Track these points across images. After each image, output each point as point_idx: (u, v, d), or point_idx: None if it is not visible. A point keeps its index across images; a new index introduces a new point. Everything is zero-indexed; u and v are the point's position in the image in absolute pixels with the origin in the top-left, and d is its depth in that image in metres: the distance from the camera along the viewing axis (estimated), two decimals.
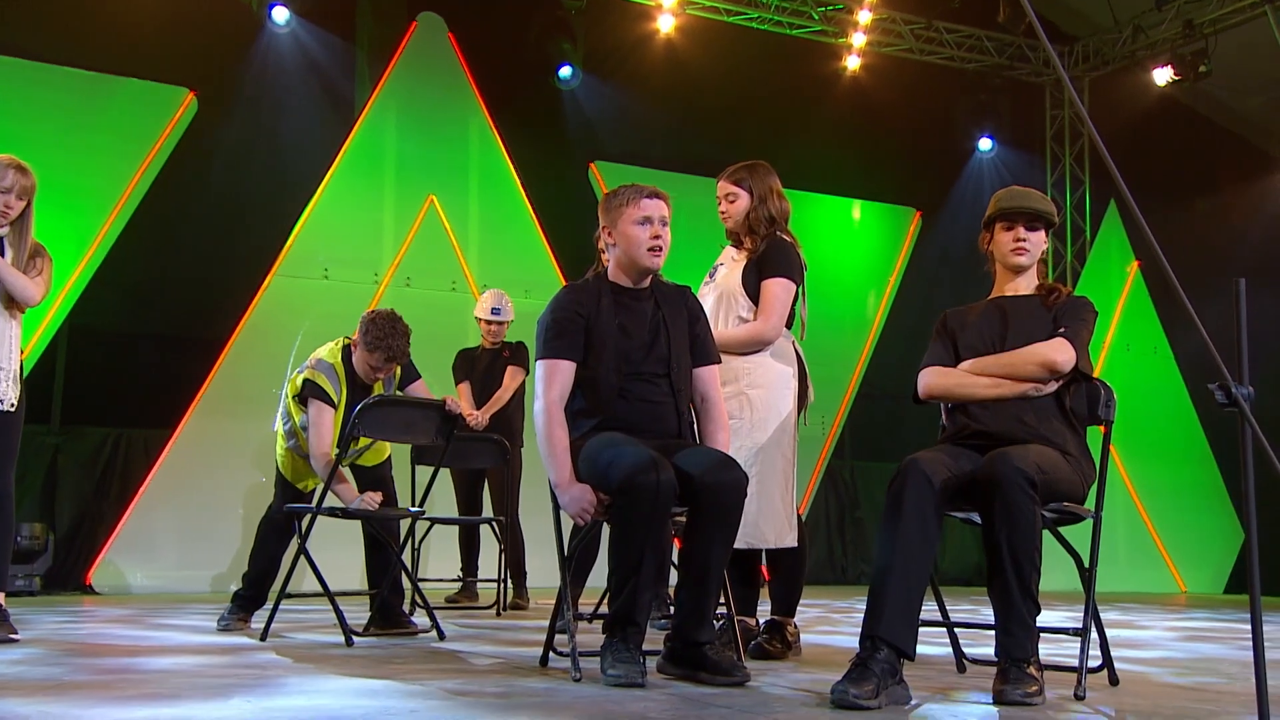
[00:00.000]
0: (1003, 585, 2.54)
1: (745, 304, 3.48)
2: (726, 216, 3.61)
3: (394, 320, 4.04)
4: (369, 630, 4.06)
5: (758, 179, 3.57)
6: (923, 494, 2.58)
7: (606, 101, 8.80)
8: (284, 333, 7.12)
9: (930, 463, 2.63)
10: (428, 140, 8.08)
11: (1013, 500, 2.52)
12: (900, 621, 2.48)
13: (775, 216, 3.54)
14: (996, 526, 2.54)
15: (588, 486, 2.86)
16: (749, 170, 3.60)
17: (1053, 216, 3.04)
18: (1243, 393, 1.52)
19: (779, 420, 3.43)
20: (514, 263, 8.08)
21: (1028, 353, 2.83)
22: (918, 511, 2.56)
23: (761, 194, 3.55)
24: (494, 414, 5.82)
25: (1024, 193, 3.04)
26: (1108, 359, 9.79)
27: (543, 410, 2.93)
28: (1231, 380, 1.52)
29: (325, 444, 3.93)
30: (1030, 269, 3.03)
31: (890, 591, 2.50)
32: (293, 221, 7.57)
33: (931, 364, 2.97)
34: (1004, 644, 2.55)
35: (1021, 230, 2.99)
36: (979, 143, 10.08)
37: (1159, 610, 6.74)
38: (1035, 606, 2.56)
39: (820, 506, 9.19)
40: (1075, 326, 2.87)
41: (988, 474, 2.57)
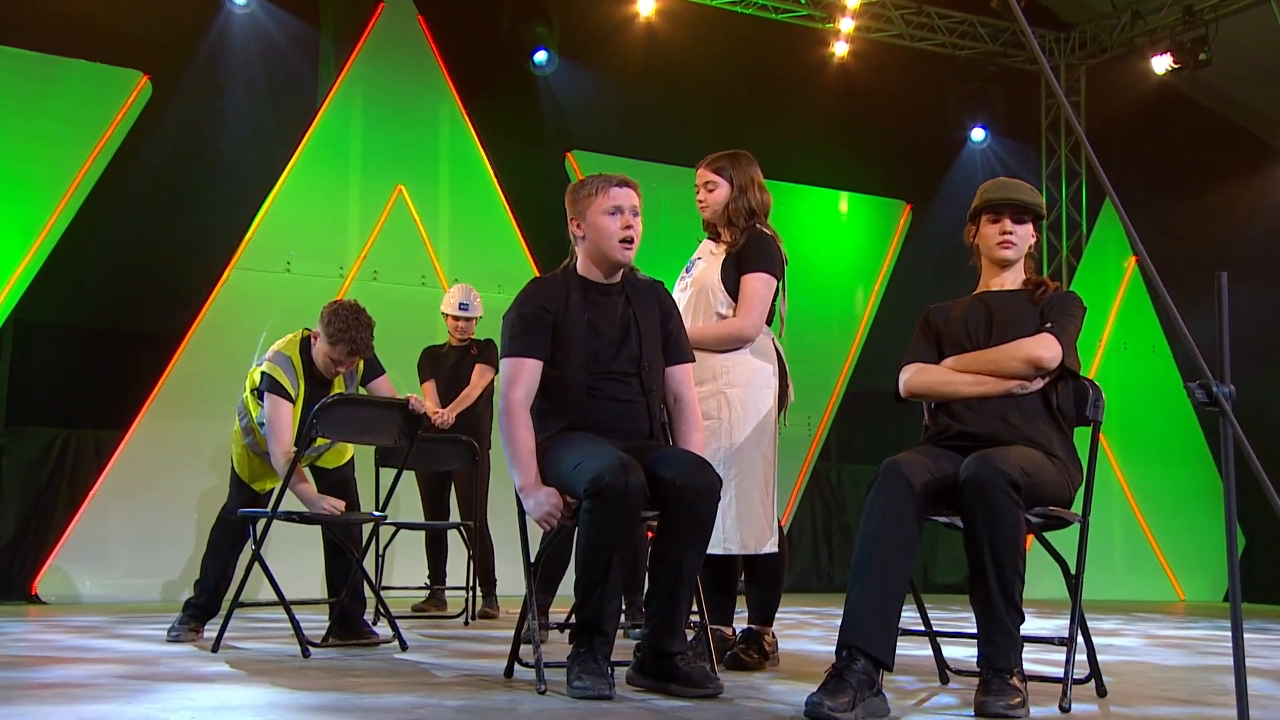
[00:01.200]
0: (985, 592, 2.54)
1: (724, 299, 3.48)
2: (704, 206, 3.61)
3: (357, 312, 4.02)
4: (328, 641, 4.03)
5: (739, 168, 3.57)
6: (902, 497, 2.57)
7: (584, 88, 8.78)
8: (243, 329, 7.07)
9: (910, 465, 2.63)
10: (396, 128, 8.05)
11: (995, 504, 2.52)
12: (878, 631, 2.47)
13: (755, 209, 3.54)
14: (978, 531, 2.54)
15: (553, 490, 2.84)
16: (730, 159, 3.60)
17: (1040, 208, 3.05)
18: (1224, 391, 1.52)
19: (758, 420, 3.43)
20: (486, 256, 8.05)
21: (1012, 348, 2.83)
22: (897, 516, 2.56)
23: (742, 184, 3.54)
24: (461, 414, 5.81)
25: (1010, 184, 3.04)
26: (1104, 358, 9.84)
27: (506, 411, 2.92)
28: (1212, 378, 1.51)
29: (284, 441, 3.91)
30: (1017, 263, 3.04)
31: (867, 599, 2.49)
32: (253, 212, 7.52)
33: (913, 361, 2.97)
34: (986, 654, 2.55)
35: (1008, 223, 2.99)
36: (971, 133, 10.11)
37: (1156, 619, 6.78)
38: (1019, 614, 2.56)
39: (805, 511, 9.20)
40: (1062, 322, 2.87)
41: (969, 476, 2.57)
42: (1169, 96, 9.75)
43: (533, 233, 8.14)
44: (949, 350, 2.96)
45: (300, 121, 7.79)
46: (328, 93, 7.91)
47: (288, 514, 3.86)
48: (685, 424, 3.08)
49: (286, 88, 7.87)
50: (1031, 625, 5.06)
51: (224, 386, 6.80)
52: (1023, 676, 2.55)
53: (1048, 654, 3.82)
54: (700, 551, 2.81)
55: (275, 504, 3.85)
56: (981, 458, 2.60)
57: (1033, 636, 2.71)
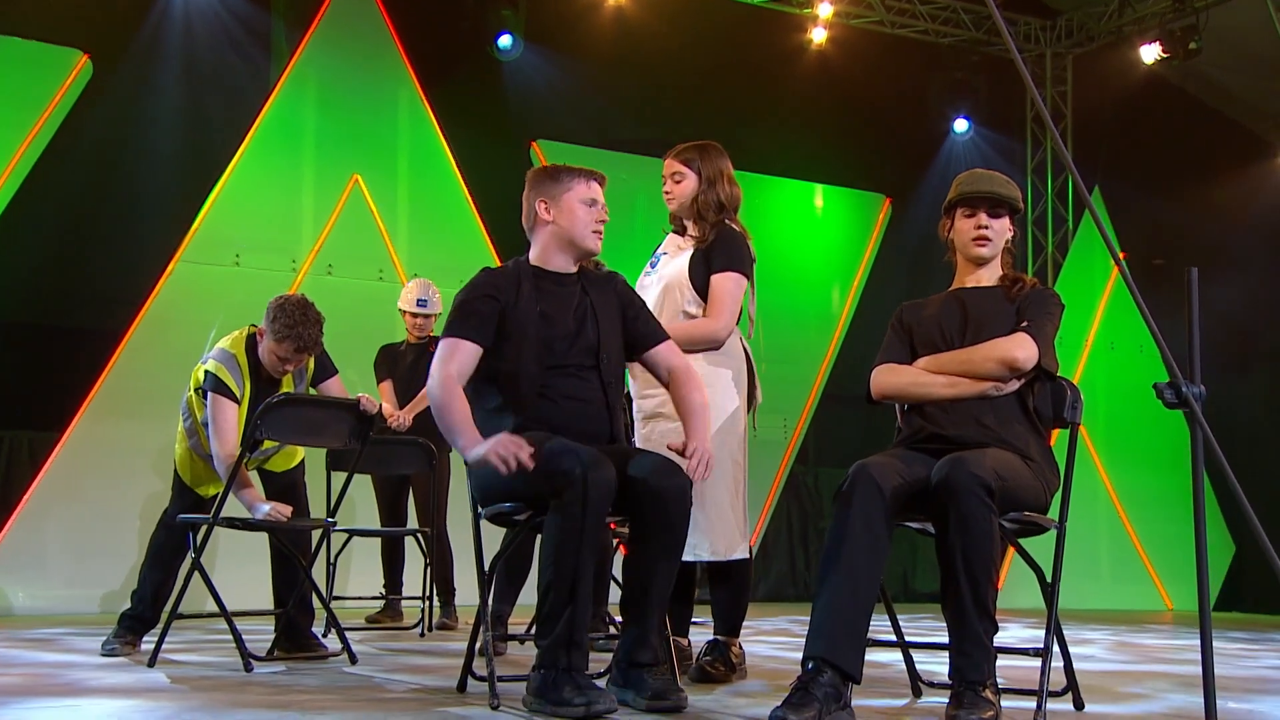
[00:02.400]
0: (957, 601, 2.54)
1: (692, 297, 3.49)
2: (671, 198, 3.63)
3: (305, 307, 3.99)
4: (273, 654, 4.01)
5: (708, 160, 3.58)
6: (871, 502, 2.58)
7: (550, 75, 8.75)
8: (189, 325, 6.99)
9: (880, 468, 2.63)
10: (352, 114, 7.99)
11: (968, 509, 2.53)
12: (845, 642, 2.48)
13: (725, 203, 3.55)
14: (951, 537, 2.55)
15: (505, 433, 2.79)
16: (699, 150, 3.62)
17: (1017, 202, 3.06)
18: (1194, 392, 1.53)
19: (727, 423, 3.44)
20: (447, 250, 8.02)
21: (987, 349, 2.85)
22: (865, 521, 2.56)
23: (711, 176, 3.56)
24: (419, 415, 5.77)
25: (986, 176, 3.05)
26: (1090, 358, 9.91)
27: (439, 384, 2.91)
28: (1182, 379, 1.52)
29: (229, 443, 3.87)
30: (994, 259, 3.05)
31: (835, 609, 2.50)
32: (200, 202, 7.44)
33: (885, 361, 2.98)
34: (958, 665, 2.56)
35: (983, 217, 3.00)
36: (954, 124, 10.15)
37: (1140, 629, 6.83)
38: (992, 624, 2.57)
39: (782, 517, 9.22)
40: (1039, 321, 2.88)
41: (940, 480, 2.58)
42: (1158, 87, 9.84)
43: (496, 225, 8.11)
44: (922, 350, 2.97)
45: (250, 106, 7.71)
46: (280, 76, 7.84)
47: (229, 520, 3.82)
48: (683, 388, 3.06)
49: (236, 70, 7.79)
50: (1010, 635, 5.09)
51: (168, 386, 6.70)
52: (996, 689, 2.56)
53: (1024, 665, 3.84)
54: (673, 557, 2.80)
55: (217, 509, 3.81)
56: (954, 460, 2.61)
57: (1007, 647, 2.72)
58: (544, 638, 2.70)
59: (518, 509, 2.93)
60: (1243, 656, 4.93)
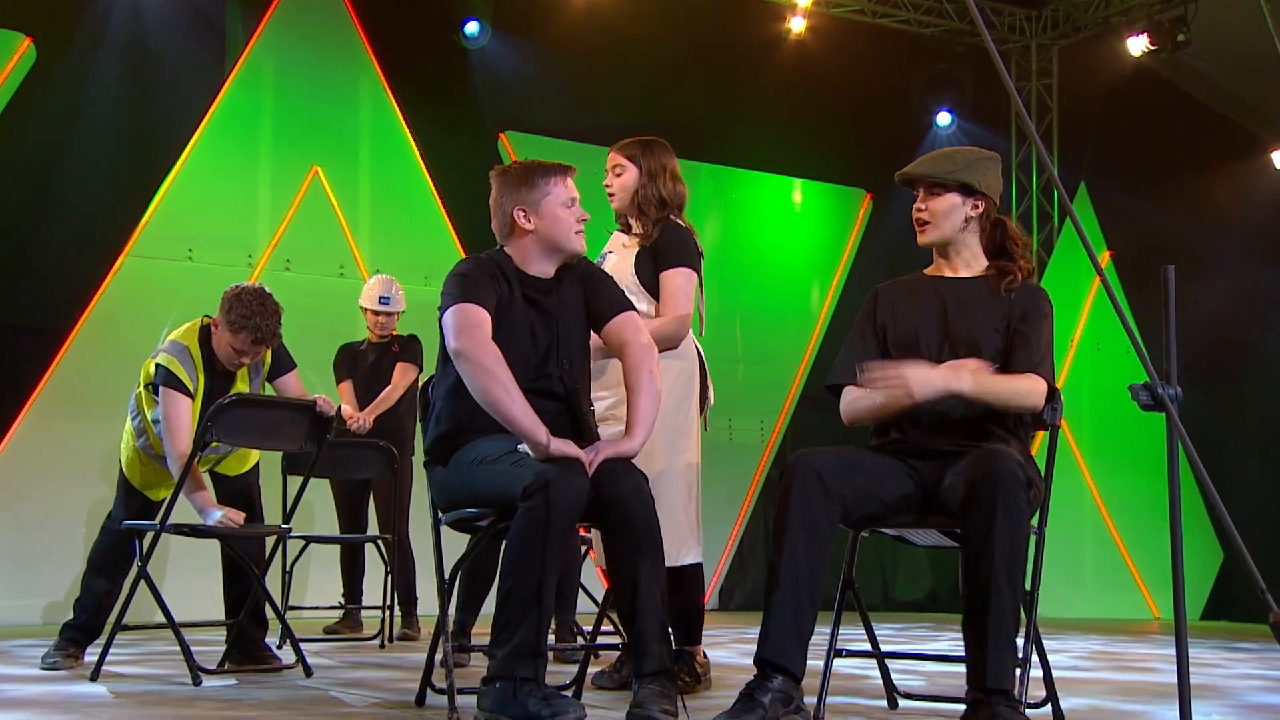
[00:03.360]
0: (996, 603, 2.49)
1: (642, 296, 3.50)
2: (611, 192, 3.67)
3: (262, 297, 3.96)
4: (223, 666, 3.97)
5: (650, 154, 3.63)
6: (810, 494, 2.58)
7: (519, 64, 8.73)
8: (139, 322, 6.93)
9: (822, 458, 2.64)
10: (311, 102, 7.94)
11: (1014, 505, 2.51)
12: (791, 641, 2.48)
13: (666, 199, 3.58)
14: (995, 534, 2.50)
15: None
16: (642, 144, 3.66)
17: (958, 178, 2.89)
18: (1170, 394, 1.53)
19: (677, 424, 3.46)
20: (411, 245, 7.98)
21: (1030, 392, 2.77)
22: (805, 515, 2.56)
23: (652, 170, 3.60)
24: (381, 417, 5.75)
25: (931, 155, 2.99)
26: (1075, 359, 9.97)
27: (473, 356, 2.77)
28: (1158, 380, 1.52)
29: (182, 440, 3.83)
30: (966, 242, 2.93)
31: (780, 610, 2.50)
32: (150, 193, 7.37)
33: (850, 360, 2.91)
34: (993, 672, 2.49)
35: (919, 198, 2.94)
36: (937, 117, 10.19)
37: (1126, 638, 6.87)
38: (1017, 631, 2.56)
39: (759, 521, 9.23)
40: (1037, 337, 2.81)
41: (982, 476, 2.55)
42: (1146, 80, 9.90)
43: (462, 220, 8.07)
44: (895, 349, 2.91)
45: (204, 93, 7.64)
46: (235, 62, 7.77)
47: (177, 526, 3.78)
48: (634, 373, 2.96)
49: (189, 55, 7.71)
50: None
51: (116, 386, 6.62)
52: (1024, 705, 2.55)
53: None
54: (654, 557, 2.77)
55: (165, 514, 3.76)
56: (994, 454, 2.58)
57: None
58: (500, 647, 2.67)
59: (481, 514, 2.92)
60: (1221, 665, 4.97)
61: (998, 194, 2.98)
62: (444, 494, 3.01)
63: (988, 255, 2.98)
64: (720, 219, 9.30)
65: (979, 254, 2.98)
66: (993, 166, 2.97)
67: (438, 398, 3.05)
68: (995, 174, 2.97)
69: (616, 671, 3.55)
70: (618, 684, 3.49)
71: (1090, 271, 10.25)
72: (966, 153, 2.98)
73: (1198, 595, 9.77)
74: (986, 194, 2.93)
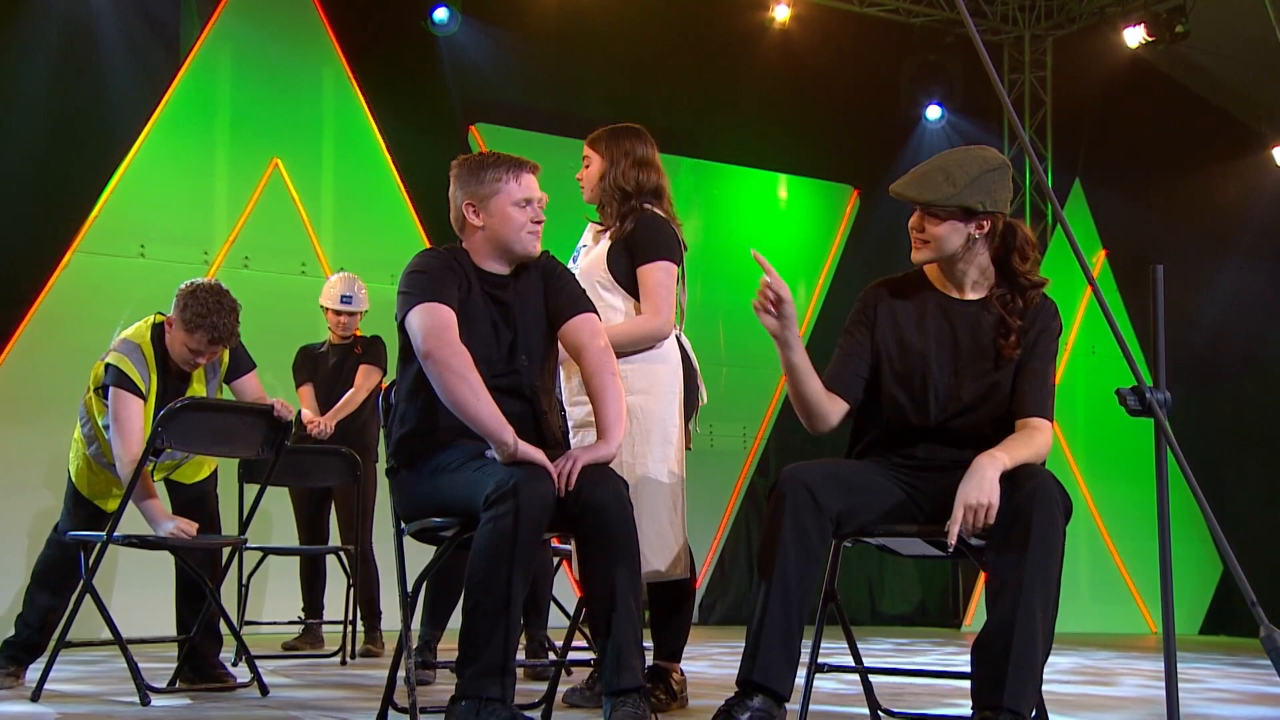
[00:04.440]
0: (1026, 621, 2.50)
1: (616, 292, 3.49)
2: (582, 185, 3.68)
3: (219, 293, 3.94)
4: (174, 685, 3.95)
5: (615, 143, 3.63)
6: (802, 511, 2.59)
7: (491, 52, 8.72)
8: (88, 323, 6.89)
9: (812, 472, 2.65)
10: (271, 91, 7.91)
11: (1055, 519, 2.55)
12: (779, 663, 2.48)
13: (628, 188, 3.56)
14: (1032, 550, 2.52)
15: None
16: (608, 133, 3.66)
17: (960, 202, 2.76)
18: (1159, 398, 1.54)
19: (665, 430, 3.45)
20: (377, 242, 7.96)
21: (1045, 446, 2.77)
22: (797, 532, 2.56)
23: (614, 159, 3.59)
24: (343, 422, 5.74)
25: (917, 175, 2.84)
26: (1069, 362, 10.01)
27: (444, 360, 2.77)
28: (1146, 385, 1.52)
29: (133, 444, 3.80)
30: (968, 262, 2.84)
31: (766, 628, 2.50)
32: (100, 186, 7.31)
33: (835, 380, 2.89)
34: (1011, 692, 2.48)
35: (916, 218, 2.84)
36: (927, 110, 10.23)
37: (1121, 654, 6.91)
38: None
39: (740, 533, 9.24)
40: (1048, 375, 2.82)
41: (1028, 494, 2.56)
42: (1144, 72, 9.97)
43: (430, 216, 8.05)
44: (896, 386, 2.85)
45: (158, 81, 7.59)
46: (191, 47, 7.73)
47: (126, 538, 3.75)
48: (596, 377, 2.94)
49: (141, 40, 7.65)
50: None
51: (63, 390, 6.59)
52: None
53: None
54: (630, 567, 2.77)
55: (114, 524, 3.73)
56: (1032, 470, 2.62)
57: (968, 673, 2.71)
58: (468, 664, 2.66)
59: (445, 524, 2.90)
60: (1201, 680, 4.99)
61: (1008, 204, 2.85)
62: (406, 503, 2.99)
63: (996, 264, 2.88)
64: (702, 216, 9.30)
65: (988, 269, 2.87)
66: (1000, 179, 2.82)
67: (399, 399, 3.03)
68: (1004, 186, 2.83)
69: (589, 689, 3.53)
70: (590, 701, 3.48)
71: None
72: (969, 164, 2.80)
73: (1196, 609, 9.84)
74: (994, 211, 2.80)
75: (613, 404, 2.94)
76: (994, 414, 2.83)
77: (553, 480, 2.72)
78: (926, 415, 2.85)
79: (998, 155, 2.85)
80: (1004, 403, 2.83)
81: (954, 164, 2.82)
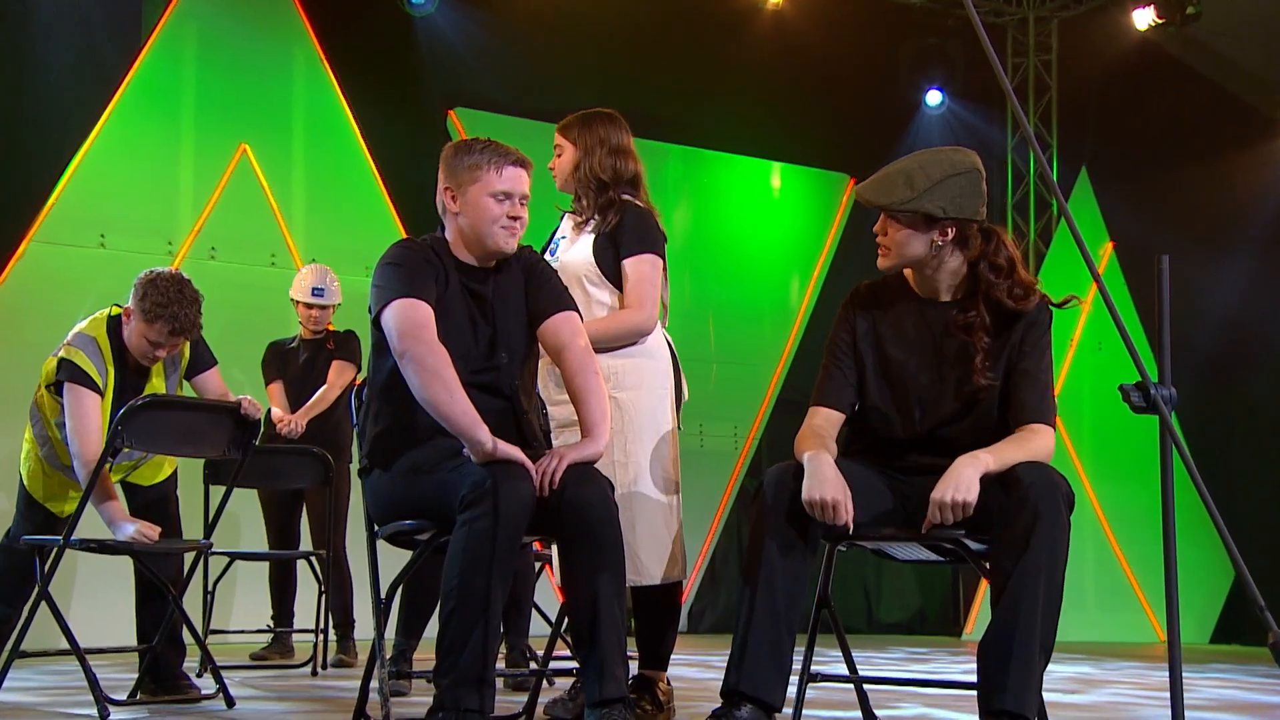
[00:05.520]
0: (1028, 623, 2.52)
1: (604, 286, 3.49)
2: (554, 174, 3.67)
3: (180, 283, 3.93)
4: (135, 697, 3.93)
5: (588, 130, 3.60)
6: (787, 510, 2.58)
7: (470, 32, 8.72)
8: (43, 316, 6.86)
9: (799, 471, 2.65)
10: (239, 73, 7.90)
11: (1056, 513, 2.55)
12: (768, 671, 2.48)
13: (604, 178, 3.56)
14: (1034, 547, 2.53)
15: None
16: (581, 119, 3.64)
17: (916, 207, 2.77)
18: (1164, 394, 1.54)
19: (658, 428, 3.44)
20: (350, 232, 7.96)
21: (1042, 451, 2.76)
22: (783, 533, 2.57)
23: (588, 147, 3.57)
24: (314, 421, 5.73)
25: (881, 176, 2.86)
26: (1075, 359, 10.03)
27: (420, 358, 2.78)
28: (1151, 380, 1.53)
29: (91, 441, 3.78)
30: (938, 265, 2.85)
31: (754, 636, 2.50)
32: (58, 172, 7.30)
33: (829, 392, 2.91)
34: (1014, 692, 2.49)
35: (880, 223, 2.88)
36: (926, 95, 10.25)
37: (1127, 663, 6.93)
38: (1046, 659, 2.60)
39: (731, 536, 9.25)
40: (1044, 376, 2.82)
41: (1032, 484, 2.57)
42: (1153, 56, 9.98)
43: (406, 205, 8.06)
44: (880, 398, 2.87)
45: (118, 61, 7.57)
46: (154, 26, 7.72)
47: (84, 542, 3.73)
48: (577, 377, 2.96)
49: (100, 20, 7.64)
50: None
51: (17, 387, 6.53)
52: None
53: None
54: (615, 571, 2.78)
55: (71, 528, 3.71)
56: (1033, 466, 2.63)
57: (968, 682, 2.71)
58: (445, 675, 2.66)
59: (420, 527, 2.90)
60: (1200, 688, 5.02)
61: (978, 209, 2.83)
62: (379, 504, 2.99)
63: (973, 269, 2.88)
64: (690, 206, 9.31)
65: (960, 270, 2.88)
66: (969, 184, 2.80)
67: (371, 396, 3.03)
68: (973, 192, 2.81)
69: (571, 700, 3.53)
70: (573, 713, 3.48)
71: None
72: (935, 167, 2.80)
73: (1206, 616, 9.87)
74: (957, 217, 2.80)
75: (597, 403, 2.95)
76: (982, 422, 2.84)
77: (532, 480, 2.72)
78: (912, 426, 2.88)
79: (969, 159, 2.83)
80: (992, 409, 2.84)
81: (918, 167, 2.82)
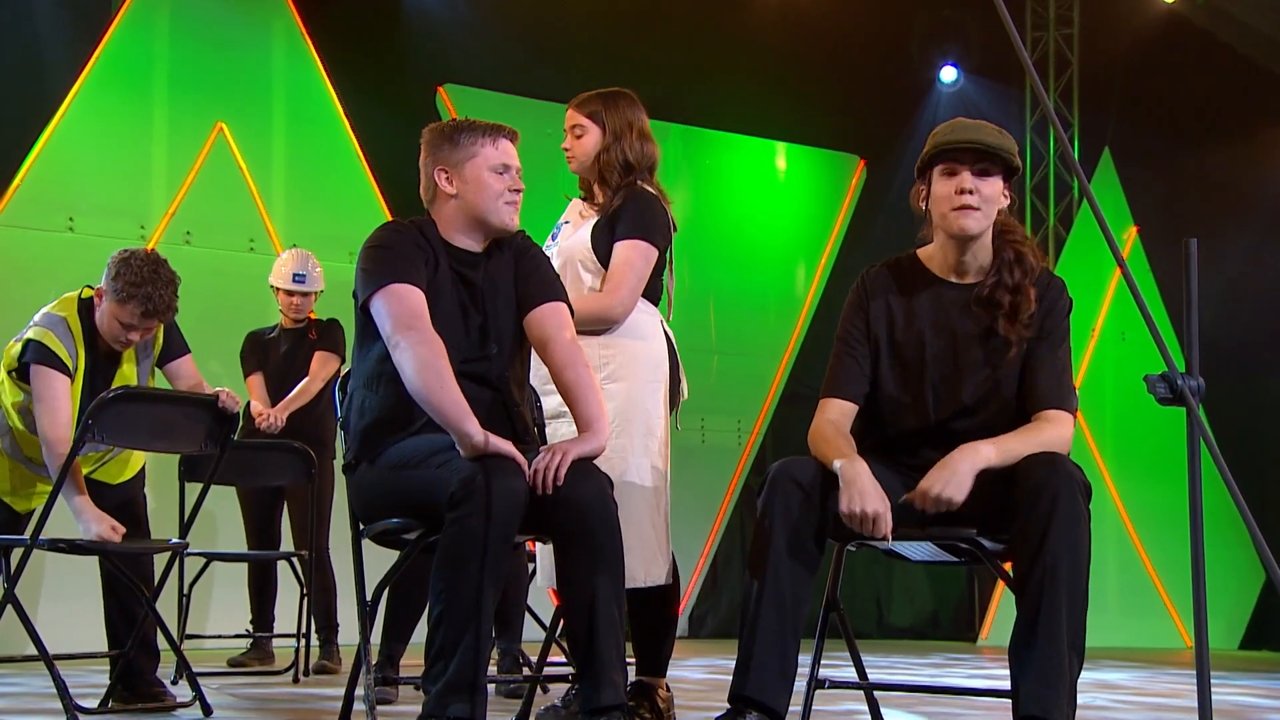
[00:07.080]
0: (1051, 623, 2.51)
1: (595, 269, 3.51)
2: (571, 156, 3.65)
3: (155, 263, 3.93)
4: (107, 705, 3.93)
5: (615, 111, 3.60)
6: (793, 509, 2.60)
7: (460, 5, 8.73)
8: (9, 303, 6.84)
9: (805, 467, 2.67)
10: (215, 49, 7.88)
11: (1075, 506, 2.54)
12: (774, 677, 2.49)
13: (633, 162, 3.57)
14: (1050, 545, 2.52)
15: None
16: (605, 99, 3.63)
17: (1012, 157, 2.85)
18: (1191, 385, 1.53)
19: (648, 423, 3.44)
20: (333, 216, 7.97)
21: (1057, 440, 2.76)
22: (788, 532, 2.57)
23: (617, 130, 3.57)
24: (296, 414, 5.73)
25: (972, 124, 2.87)
26: (1097, 349, 10.04)
27: (414, 346, 2.80)
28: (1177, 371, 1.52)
29: (61, 425, 3.78)
30: (982, 235, 2.85)
31: (760, 640, 2.51)
32: (23, 152, 7.28)
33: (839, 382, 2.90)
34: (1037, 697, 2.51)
35: (967, 177, 2.80)
36: (940, 73, 10.27)
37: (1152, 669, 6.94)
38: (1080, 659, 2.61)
39: (735, 535, 9.27)
40: (1063, 360, 2.82)
41: (1043, 479, 2.57)
42: (1180, 29, 9.98)
43: (392, 187, 8.06)
44: (893, 386, 2.88)
45: (87, 35, 7.55)
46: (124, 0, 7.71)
47: (53, 541, 3.72)
48: (568, 369, 2.97)
49: None
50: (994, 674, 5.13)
51: None
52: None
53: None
54: (613, 573, 2.79)
55: (39, 526, 3.71)
56: (1044, 458, 2.62)
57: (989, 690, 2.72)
58: (434, 681, 2.67)
59: (407, 526, 2.90)
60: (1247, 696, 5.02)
61: None
62: (365, 502, 3.00)
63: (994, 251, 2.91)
64: (693, 188, 9.30)
65: (988, 246, 2.90)
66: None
67: (356, 386, 3.03)
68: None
69: (566, 707, 3.54)
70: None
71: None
72: (1000, 129, 2.90)
73: (1235, 621, 9.89)
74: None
75: (592, 396, 2.97)
76: (998, 418, 2.83)
77: (525, 475, 2.72)
78: (926, 416, 2.87)
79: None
80: (1009, 406, 2.84)
81: (988, 125, 2.88)
